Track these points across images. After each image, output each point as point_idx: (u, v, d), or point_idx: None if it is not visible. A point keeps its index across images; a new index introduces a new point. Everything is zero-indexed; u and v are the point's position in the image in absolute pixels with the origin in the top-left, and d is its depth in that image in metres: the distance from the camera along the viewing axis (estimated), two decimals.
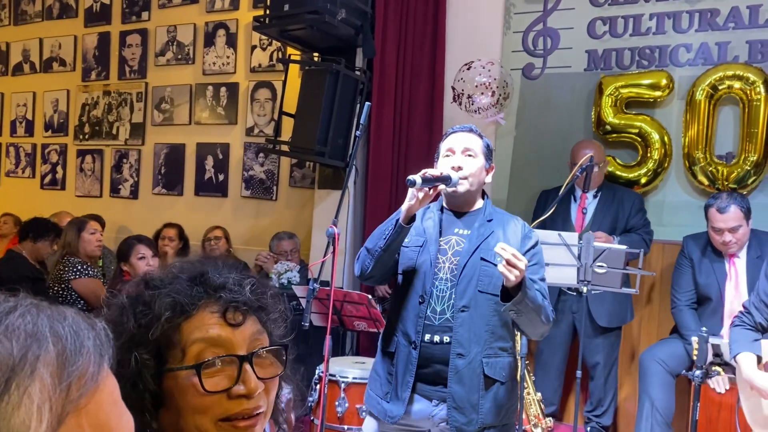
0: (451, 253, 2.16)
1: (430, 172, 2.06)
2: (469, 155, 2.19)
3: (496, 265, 2.00)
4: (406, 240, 2.18)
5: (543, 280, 2.14)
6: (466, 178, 2.15)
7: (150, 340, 0.87)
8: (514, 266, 1.90)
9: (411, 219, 2.09)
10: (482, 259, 2.11)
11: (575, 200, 3.88)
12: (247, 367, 0.90)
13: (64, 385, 0.48)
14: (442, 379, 2.11)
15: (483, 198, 2.27)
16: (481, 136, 2.25)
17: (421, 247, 2.18)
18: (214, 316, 0.91)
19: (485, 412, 2.09)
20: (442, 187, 2.10)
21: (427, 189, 2.04)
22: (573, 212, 3.86)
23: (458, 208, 2.23)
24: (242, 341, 0.91)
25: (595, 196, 3.84)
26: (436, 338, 2.12)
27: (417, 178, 2.00)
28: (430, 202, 2.11)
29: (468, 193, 2.18)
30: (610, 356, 3.82)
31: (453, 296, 2.11)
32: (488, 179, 2.24)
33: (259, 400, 0.90)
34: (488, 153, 2.23)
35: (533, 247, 2.16)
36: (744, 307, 2.85)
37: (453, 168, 2.15)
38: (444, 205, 2.26)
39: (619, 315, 3.79)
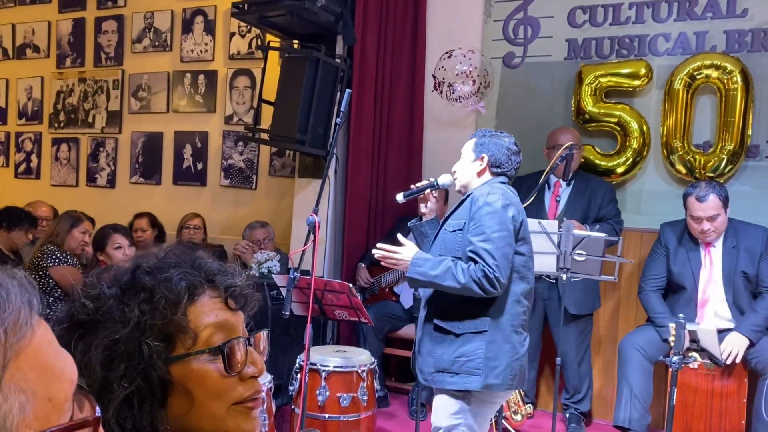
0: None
1: (416, 185, 2.68)
2: (461, 158, 2.61)
3: (451, 232, 2.47)
4: None
5: (485, 241, 2.34)
6: (456, 177, 2.62)
7: (158, 327, 0.85)
8: (385, 259, 2.49)
9: (433, 218, 2.67)
10: (444, 229, 2.53)
11: (549, 188, 3.91)
12: (251, 348, 0.91)
13: (1, 332, 0.50)
14: None
15: (489, 181, 2.54)
16: (477, 136, 2.60)
17: None
18: (216, 301, 0.90)
19: (438, 356, 2.44)
20: (426, 191, 2.65)
21: (418, 196, 2.66)
22: (547, 200, 3.89)
23: None
24: (240, 325, 0.92)
25: (568, 185, 3.86)
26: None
27: (399, 196, 2.67)
28: (438, 201, 2.74)
29: (462, 188, 2.60)
30: (581, 343, 3.86)
31: None
32: (478, 168, 2.53)
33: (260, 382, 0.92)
34: (477, 149, 2.55)
35: (477, 210, 2.38)
36: None
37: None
38: None
39: (587, 303, 3.85)
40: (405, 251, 2.46)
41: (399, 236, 2.57)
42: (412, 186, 2.68)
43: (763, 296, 3.37)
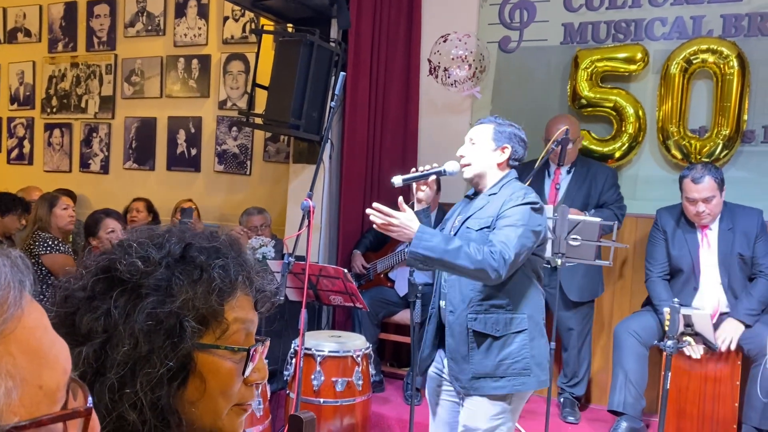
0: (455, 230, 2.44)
1: (420, 169, 2.43)
2: (472, 143, 2.44)
3: (477, 230, 2.30)
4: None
5: (509, 226, 2.23)
6: (468, 164, 2.42)
7: (200, 309, 0.82)
8: (383, 226, 2.25)
9: (426, 207, 2.47)
10: (466, 227, 2.34)
11: (549, 175, 3.88)
12: (262, 356, 0.90)
13: None
14: None
15: (507, 175, 2.42)
16: (494, 123, 2.44)
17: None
18: (248, 299, 0.89)
19: (476, 362, 2.31)
20: (432, 178, 2.43)
21: (416, 183, 2.43)
22: (546, 187, 3.86)
23: (478, 189, 2.47)
24: (255, 328, 0.91)
25: (568, 172, 3.84)
26: (442, 303, 2.45)
27: (397, 179, 2.41)
28: (436, 189, 2.45)
29: (476, 177, 2.43)
30: (582, 329, 3.87)
31: None
32: (500, 158, 2.41)
33: None
34: (498, 136, 2.41)
35: (510, 207, 2.28)
36: None
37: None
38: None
39: (589, 289, 3.84)
40: (403, 217, 2.24)
41: (400, 200, 2.31)
42: (413, 170, 2.45)
43: (758, 280, 3.38)
